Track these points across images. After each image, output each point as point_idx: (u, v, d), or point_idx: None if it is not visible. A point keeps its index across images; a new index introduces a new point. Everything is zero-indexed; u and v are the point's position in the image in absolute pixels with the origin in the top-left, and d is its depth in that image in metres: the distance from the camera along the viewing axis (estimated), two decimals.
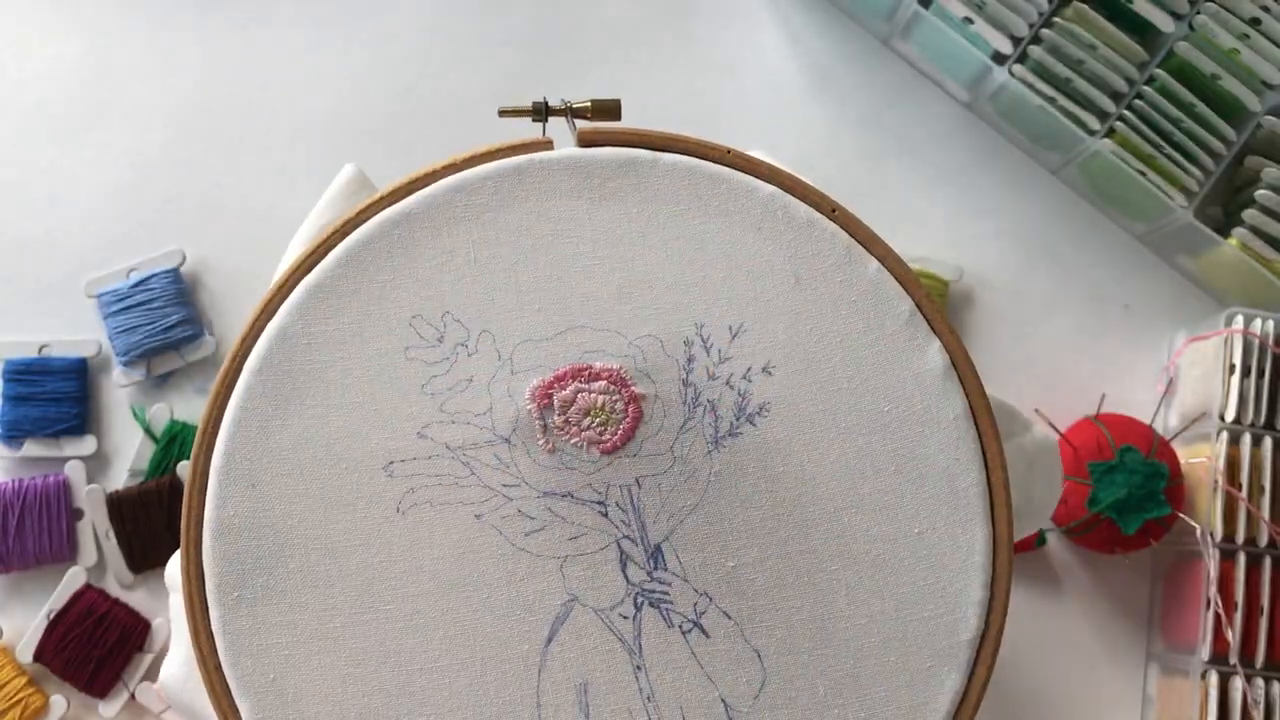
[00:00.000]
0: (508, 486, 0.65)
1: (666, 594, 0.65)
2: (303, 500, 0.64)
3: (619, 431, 0.66)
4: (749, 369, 0.66)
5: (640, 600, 0.65)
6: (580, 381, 0.66)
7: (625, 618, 0.65)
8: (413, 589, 0.64)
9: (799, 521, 0.65)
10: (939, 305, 0.68)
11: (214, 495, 0.64)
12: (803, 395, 0.66)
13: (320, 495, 0.64)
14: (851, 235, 0.68)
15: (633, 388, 0.66)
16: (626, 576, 0.65)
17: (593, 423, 0.65)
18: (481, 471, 0.65)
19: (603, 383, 0.66)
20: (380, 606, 0.64)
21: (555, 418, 0.65)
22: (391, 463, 0.65)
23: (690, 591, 0.65)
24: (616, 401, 0.66)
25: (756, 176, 0.68)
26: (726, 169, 0.68)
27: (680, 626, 0.65)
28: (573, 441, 0.65)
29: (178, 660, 0.69)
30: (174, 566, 0.67)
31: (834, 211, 0.68)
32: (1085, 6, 1.06)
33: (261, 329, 0.66)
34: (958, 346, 0.67)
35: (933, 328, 0.67)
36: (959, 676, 0.66)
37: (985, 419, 0.67)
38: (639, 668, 0.65)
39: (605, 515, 0.65)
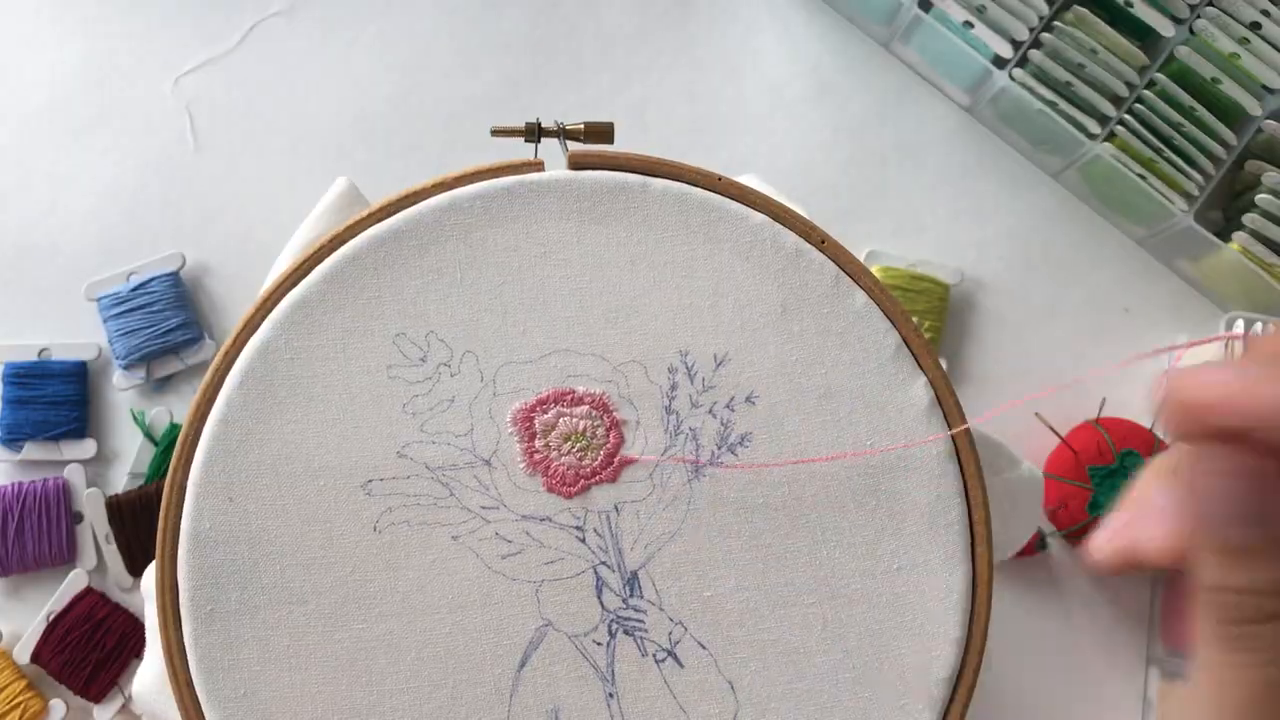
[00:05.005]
0: (486, 509, 0.65)
1: (641, 622, 0.64)
2: (280, 516, 0.64)
3: (599, 457, 0.65)
4: (732, 398, 0.66)
5: (615, 627, 0.64)
6: (563, 406, 0.65)
7: (599, 644, 0.64)
8: (387, 608, 0.64)
9: (777, 553, 0.65)
10: (926, 340, 0.68)
11: (191, 508, 0.64)
12: (786, 426, 0.66)
13: (297, 511, 0.64)
14: (840, 266, 0.67)
15: (615, 414, 0.66)
16: (602, 603, 0.65)
17: (573, 447, 0.65)
18: (460, 493, 0.65)
19: (585, 408, 0.66)
20: (353, 625, 0.64)
21: (536, 441, 0.65)
22: (370, 481, 0.65)
23: (665, 620, 0.65)
24: (598, 427, 0.65)
25: (747, 204, 0.68)
26: (717, 196, 0.68)
27: (654, 655, 0.64)
28: (553, 466, 0.65)
29: (151, 671, 0.69)
30: (150, 577, 0.67)
31: (823, 242, 0.68)
32: (1085, 10, 1.06)
33: (245, 342, 0.66)
34: (943, 382, 0.67)
35: (919, 363, 0.67)
36: (933, 715, 0.65)
37: (969, 455, 0.66)
38: (611, 695, 0.64)
39: (583, 541, 0.65)
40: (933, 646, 0.65)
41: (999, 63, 1.07)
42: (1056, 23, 1.06)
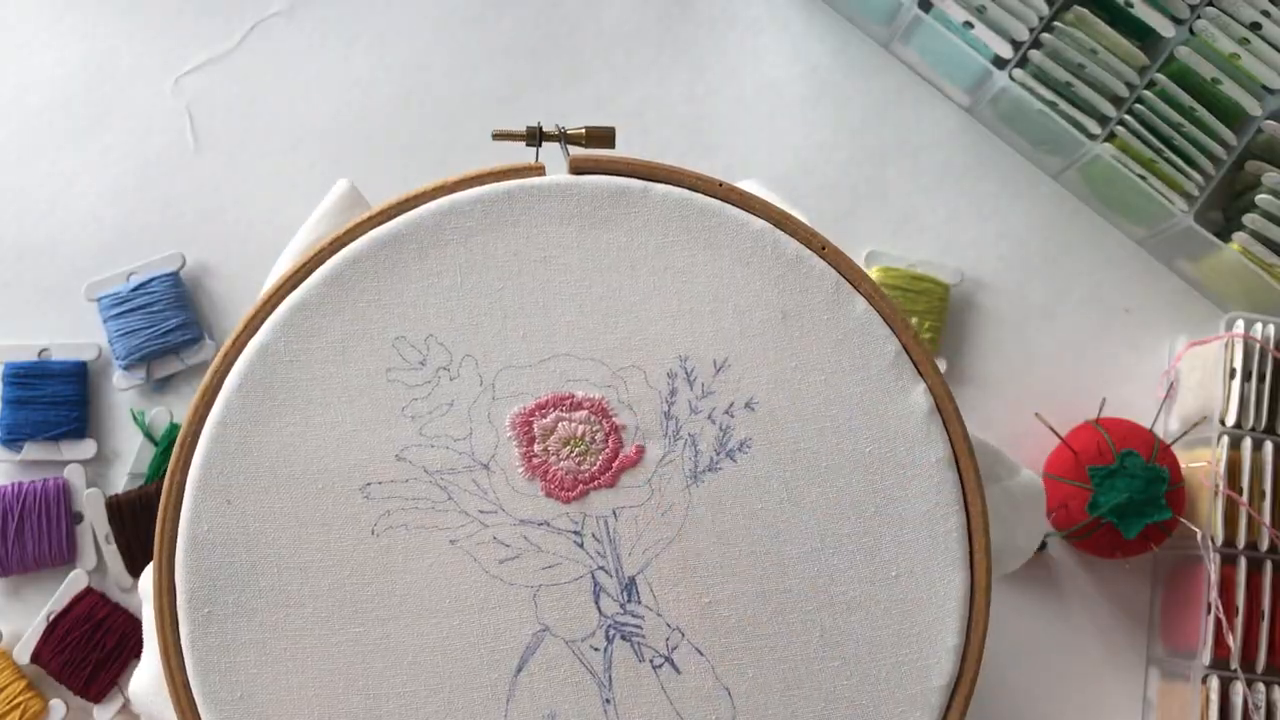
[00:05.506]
0: (484, 513, 0.65)
1: (639, 628, 0.64)
2: (277, 518, 0.64)
3: (598, 462, 0.65)
4: (731, 404, 0.66)
5: (612, 633, 0.64)
6: (561, 410, 0.65)
7: (596, 650, 0.64)
8: (384, 612, 0.64)
9: (776, 560, 0.65)
10: (926, 346, 0.68)
11: (189, 510, 0.64)
12: (785, 432, 0.66)
13: (295, 514, 0.64)
14: (840, 273, 0.67)
15: (614, 418, 0.65)
16: (599, 608, 0.65)
17: (572, 452, 0.65)
18: (459, 497, 0.65)
19: (584, 412, 0.65)
20: (350, 629, 0.64)
21: (535, 446, 0.65)
22: (368, 484, 0.64)
23: (663, 626, 0.64)
24: (597, 432, 0.65)
25: (747, 210, 0.68)
26: (717, 202, 0.68)
27: (651, 661, 0.64)
28: (551, 471, 0.65)
29: (148, 672, 0.69)
30: (147, 579, 0.67)
31: (823, 249, 0.67)
32: (1085, 11, 1.06)
33: (244, 345, 0.66)
34: (943, 389, 0.67)
35: (919, 370, 0.67)
36: None
37: (968, 463, 0.66)
38: (608, 701, 0.64)
39: (581, 546, 0.65)
40: (930, 654, 0.65)
41: (999, 63, 1.07)
42: (1056, 23, 1.06)
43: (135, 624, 1.01)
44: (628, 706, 0.64)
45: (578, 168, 0.69)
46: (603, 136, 0.70)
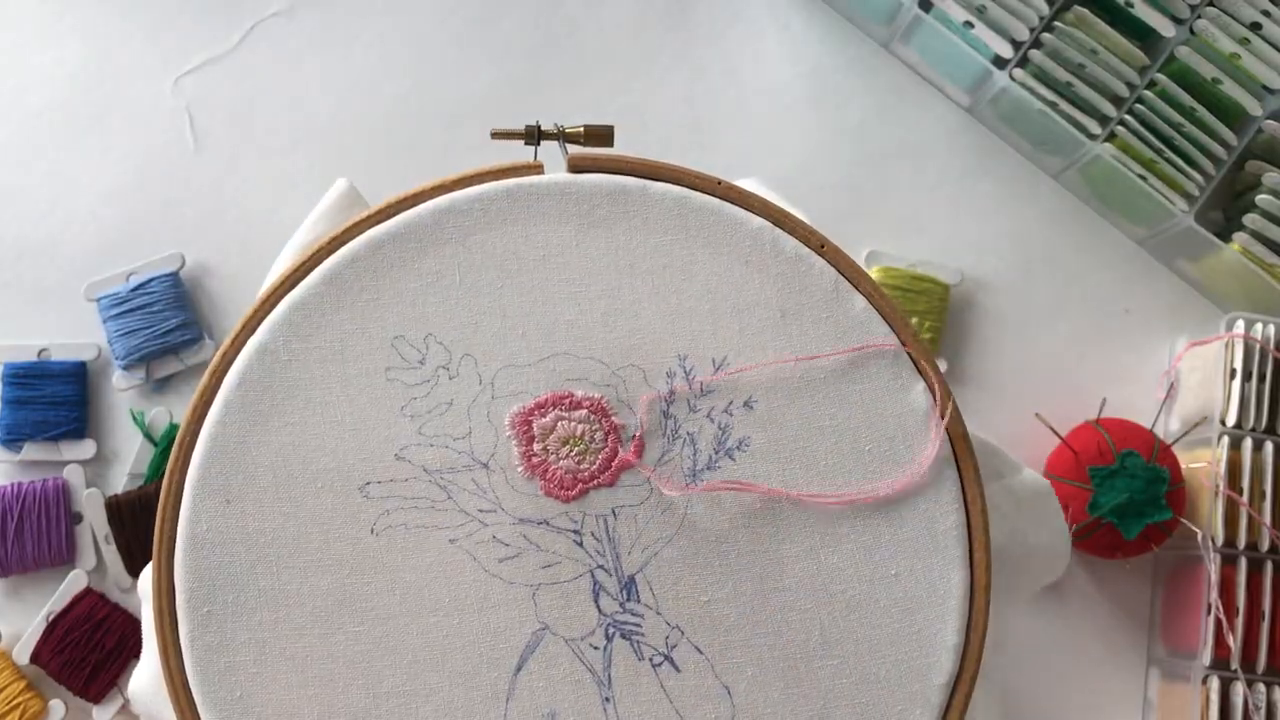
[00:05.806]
0: (484, 512, 0.65)
1: (638, 626, 0.64)
2: (276, 518, 0.64)
3: (597, 461, 0.65)
4: (730, 403, 0.66)
5: (612, 632, 0.64)
6: (561, 409, 0.65)
7: (596, 649, 0.64)
8: (383, 612, 0.64)
9: (775, 558, 0.65)
10: (925, 345, 0.68)
11: (188, 509, 0.64)
12: (784, 431, 0.66)
13: (294, 513, 0.64)
14: (839, 272, 0.67)
15: (613, 418, 0.65)
16: (599, 607, 0.64)
17: (571, 451, 0.65)
18: (458, 496, 0.65)
19: (583, 411, 0.65)
20: (350, 628, 0.64)
21: (534, 445, 0.65)
22: (367, 483, 0.64)
23: (663, 624, 0.64)
24: (596, 431, 0.65)
25: (746, 209, 0.68)
26: (716, 200, 0.68)
27: (651, 659, 0.64)
28: (550, 470, 0.65)
29: (148, 672, 0.69)
30: (147, 579, 0.67)
31: (823, 247, 0.67)
32: (1086, 11, 1.06)
33: (243, 344, 0.66)
34: (942, 386, 0.67)
35: (918, 368, 0.67)
36: None
37: (967, 462, 0.66)
38: (608, 699, 0.64)
39: (580, 544, 0.65)
40: (930, 652, 0.65)
41: (999, 63, 1.07)
42: (1057, 23, 1.06)
43: (135, 624, 1.00)
44: (627, 705, 0.64)
45: (576, 166, 0.69)
46: (601, 135, 0.70)
